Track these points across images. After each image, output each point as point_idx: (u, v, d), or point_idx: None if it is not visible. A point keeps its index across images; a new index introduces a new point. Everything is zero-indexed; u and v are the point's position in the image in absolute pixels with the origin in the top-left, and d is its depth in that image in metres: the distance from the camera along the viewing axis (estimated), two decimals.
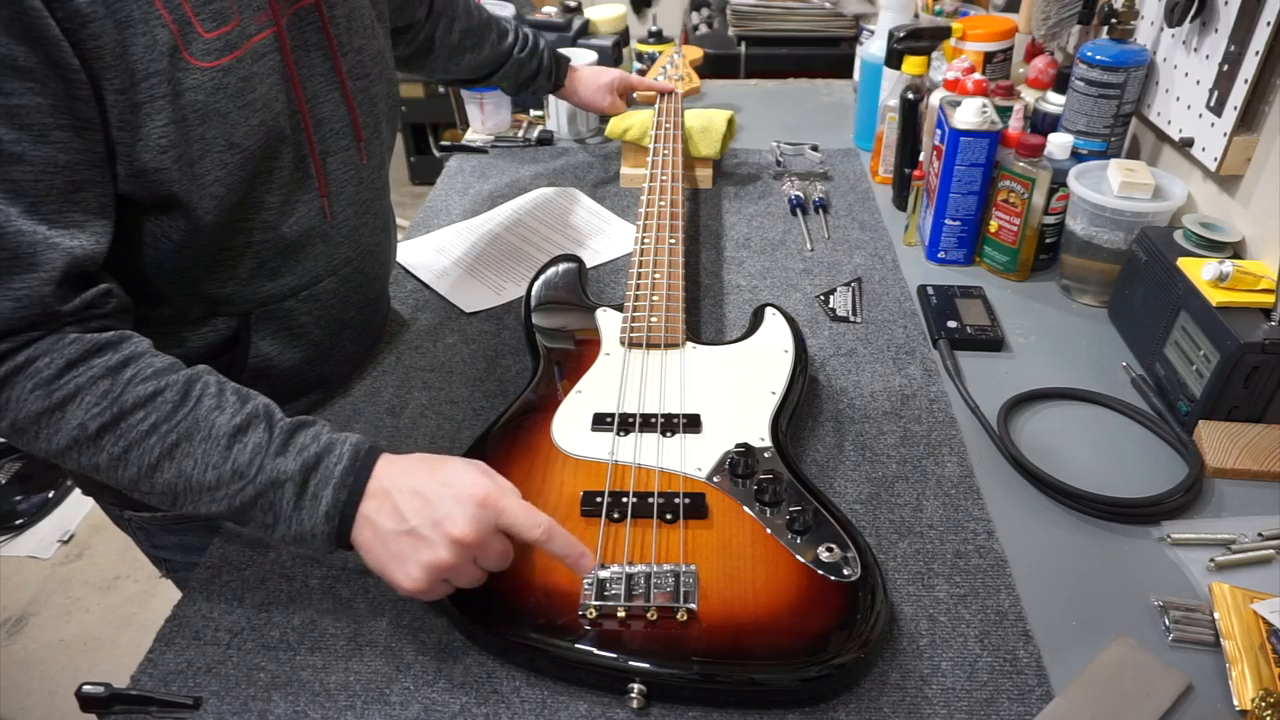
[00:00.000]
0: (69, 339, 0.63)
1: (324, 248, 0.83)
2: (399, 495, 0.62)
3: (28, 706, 1.75)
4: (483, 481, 0.62)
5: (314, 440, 0.64)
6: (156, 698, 0.63)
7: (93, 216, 0.64)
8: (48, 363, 0.61)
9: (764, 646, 0.62)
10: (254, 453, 0.62)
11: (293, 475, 0.62)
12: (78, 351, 0.62)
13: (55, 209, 0.62)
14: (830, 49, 2.00)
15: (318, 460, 0.63)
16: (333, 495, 0.62)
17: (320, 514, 0.62)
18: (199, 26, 0.66)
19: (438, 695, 0.64)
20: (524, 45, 1.24)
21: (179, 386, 0.64)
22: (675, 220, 1.04)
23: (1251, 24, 0.93)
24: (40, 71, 0.58)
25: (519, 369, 0.97)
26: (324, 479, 0.62)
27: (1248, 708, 0.61)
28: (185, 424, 0.62)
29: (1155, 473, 0.82)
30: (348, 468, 0.63)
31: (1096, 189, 1.01)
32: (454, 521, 0.60)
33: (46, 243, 0.61)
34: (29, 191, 0.60)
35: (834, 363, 0.97)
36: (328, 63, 0.79)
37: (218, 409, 0.64)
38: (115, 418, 0.62)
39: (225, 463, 0.62)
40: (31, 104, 0.59)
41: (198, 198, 0.69)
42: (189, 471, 0.62)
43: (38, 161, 0.60)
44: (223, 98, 0.68)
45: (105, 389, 0.62)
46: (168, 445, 0.62)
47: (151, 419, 0.62)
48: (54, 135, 0.60)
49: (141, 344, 0.66)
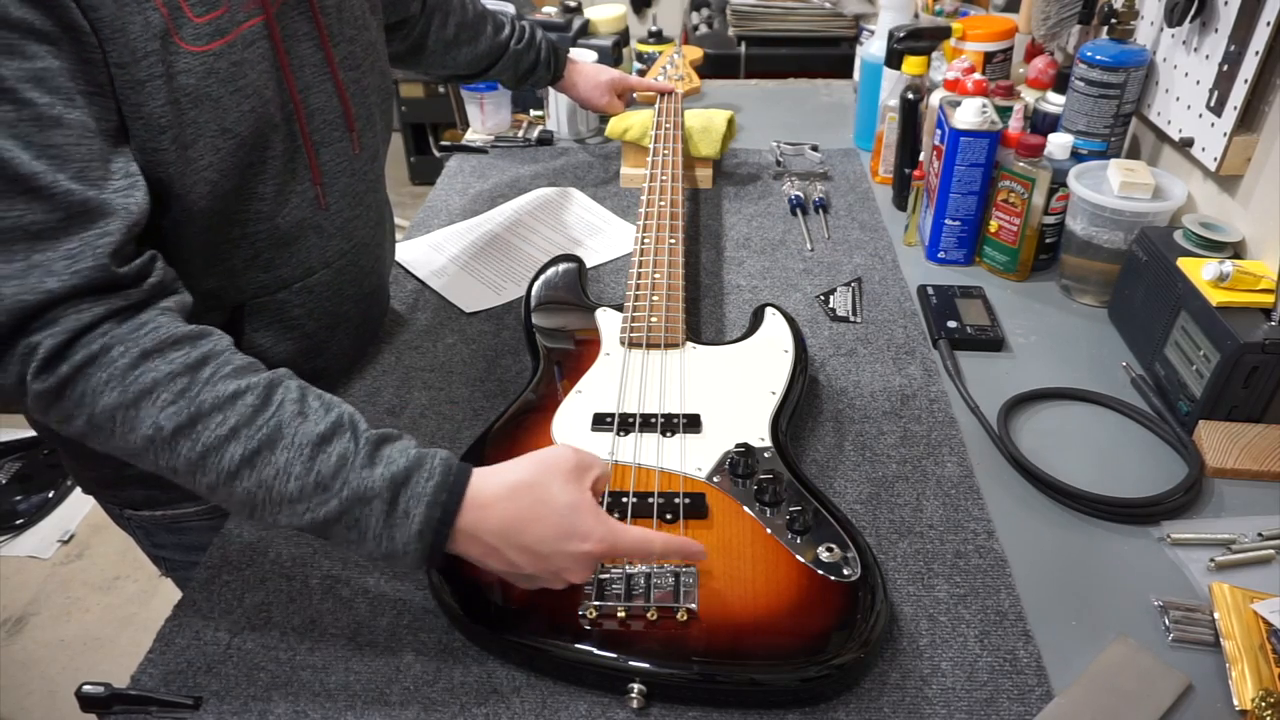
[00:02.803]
0: (148, 327, 0.60)
1: (317, 240, 0.83)
2: (509, 550, 0.60)
3: (28, 706, 1.75)
4: (595, 530, 0.61)
5: (402, 454, 0.61)
6: (156, 698, 0.63)
7: (131, 178, 0.63)
8: (122, 351, 0.59)
9: (764, 646, 0.62)
10: (339, 464, 0.59)
11: (380, 492, 0.59)
12: (154, 342, 0.60)
13: (101, 174, 0.60)
14: (830, 49, 2.00)
15: (407, 476, 0.60)
16: (426, 513, 0.59)
17: (413, 532, 0.59)
18: (188, 11, 0.66)
19: (438, 695, 0.64)
20: (520, 37, 1.24)
21: (260, 389, 0.61)
22: (675, 220, 1.04)
23: (1251, 24, 0.93)
24: (56, 34, 0.58)
25: (519, 369, 0.97)
26: (416, 496, 0.59)
27: (1248, 708, 0.61)
28: (267, 430, 0.59)
29: (1155, 473, 0.82)
30: (440, 484, 0.60)
31: (1096, 189, 1.01)
32: (574, 573, 0.62)
33: (99, 200, 0.59)
34: (74, 156, 0.59)
35: (834, 363, 0.97)
36: (319, 53, 0.79)
37: (300, 415, 0.60)
38: (192, 419, 0.58)
39: (309, 474, 0.59)
40: (53, 66, 0.58)
41: (191, 183, 0.69)
42: (269, 481, 0.59)
43: (75, 125, 0.59)
44: (214, 82, 0.68)
45: (183, 386, 0.59)
46: (248, 452, 0.59)
47: (231, 423, 0.59)
48: (79, 100, 0.60)
49: (221, 340, 0.63)
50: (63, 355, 0.58)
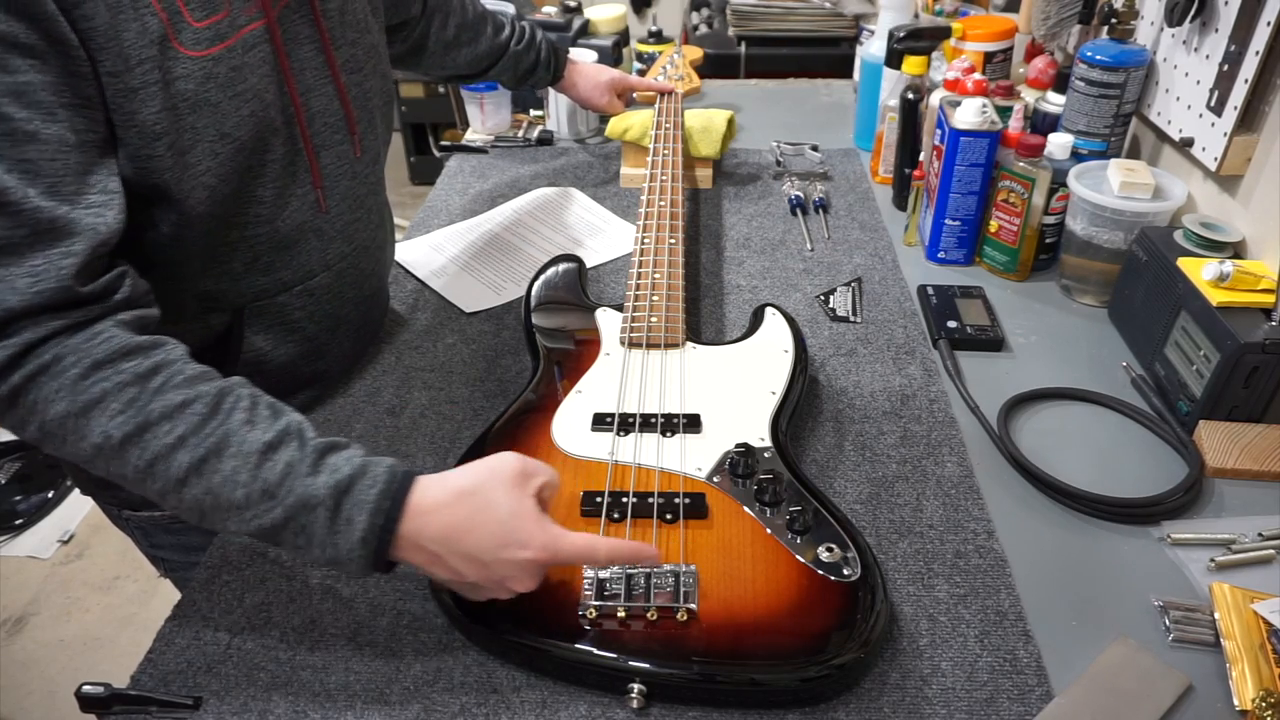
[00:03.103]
0: (101, 338, 0.61)
1: (318, 242, 0.83)
2: (451, 558, 0.60)
3: (28, 706, 1.75)
4: (536, 537, 0.60)
5: (346, 462, 0.61)
6: (156, 698, 0.63)
7: (109, 195, 0.63)
8: (74, 361, 0.59)
9: (764, 646, 0.62)
10: (284, 472, 0.60)
11: (323, 499, 0.59)
12: (106, 353, 0.60)
13: (74, 190, 0.61)
14: (830, 49, 2.00)
15: (351, 483, 0.60)
16: (368, 521, 0.59)
17: (356, 538, 0.59)
18: (188, 15, 0.66)
19: (438, 695, 0.64)
20: (520, 38, 1.24)
21: (209, 398, 0.61)
22: (675, 220, 1.04)
23: (1251, 24, 0.93)
24: (41, 48, 0.58)
25: (519, 369, 0.97)
26: (359, 503, 0.59)
27: (1248, 708, 0.61)
28: (214, 438, 0.60)
29: (1155, 473, 0.82)
30: (383, 491, 0.60)
31: (1096, 189, 1.01)
32: (517, 581, 0.61)
33: (68, 218, 0.60)
34: (46, 171, 0.59)
35: (834, 363, 0.97)
36: (320, 56, 0.79)
37: (248, 424, 0.61)
38: (140, 428, 0.59)
39: (255, 481, 0.59)
40: (37, 81, 0.58)
41: (189, 188, 0.69)
42: (216, 488, 0.59)
43: (52, 140, 0.59)
44: (213, 87, 0.68)
45: (132, 396, 0.60)
46: (195, 460, 0.59)
47: (178, 431, 0.59)
48: (60, 114, 0.60)
49: (175, 350, 0.64)
50: (16, 364, 0.59)
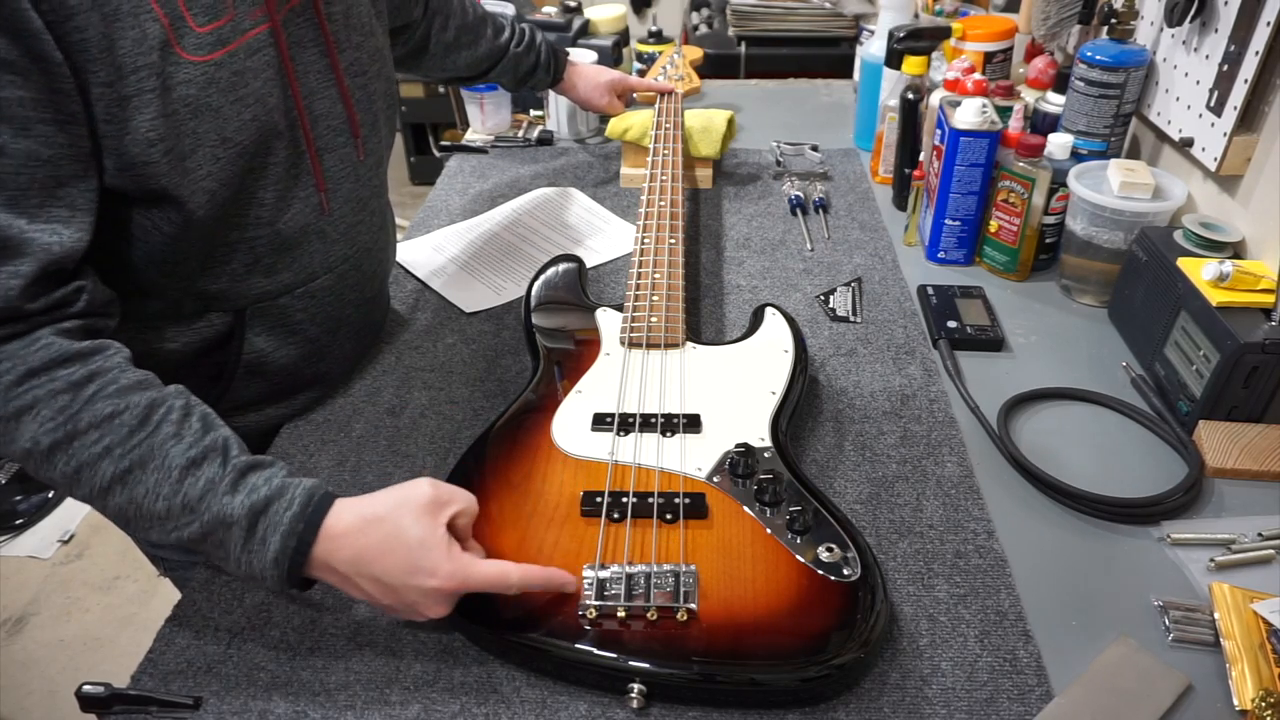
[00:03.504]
0: (38, 345, 0.61)
1: (320, 245, 0.83)
2: (361, 581, 0.62)
3: (28, 706, 1.75)
4: (443, 566, 0.61)
5: (265, 482, 0.62)
6: (156, 698, 0.63)
7: (76, 212, 0.63)
8: (9, 368, 0.60)
9: (764, 646, 0.62)
10: (205, 489, 0.61)
11: (239, 519, 0.60)
12: (42, 360, 0.61)
13: (37, 203, 0.61)
14: (830, 49, 2.00)
15: (267, 504, 0.61)
16: (281, 543, 0.61)
17: (269, 559, 0.61)
18: (191, 20, 0.66)
19: (438, 695, 0.64)
20: (520, 40, 1.24)
21: (139, 409, 0.62)
22: (675, 220, 1.04)
23: (1251, 24, 0.93)
24: (22, 65, 0.58)
25: (519, 369, 0.97)
26: (273, 524, 0.61)
27: (1248, 708, 0.61)
28: (140, 450, 0.61)
29: (1155, 473, 0.82)
30: (298, 514, 0.61)
31: (1096, 189, 1.01)
32: (427, 607, 0.62)
33: (21, 237, 0.60)
34: (9, 185, 0.60)
35: (834, 363, 0.97)
36: (324, 59, 0.79)
37: (175, 437, 0.62)
38: (68, 436, 0.60)
39: (176, 495, 0.61)
40: (13, 97, 0.58)
41: (189, 192, 0.69)
42: (139, 499, 0.61)
43: (19, 155, 0.60)
44: (214, 92, 0.68)
45: (63, 404, 0.60)
46: (120, 470, 0.61)
47: (105, 442, 0.60)
48: (36, 129, 0.60)
49: (113, 358, 0.64)
50: None
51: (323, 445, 0.87)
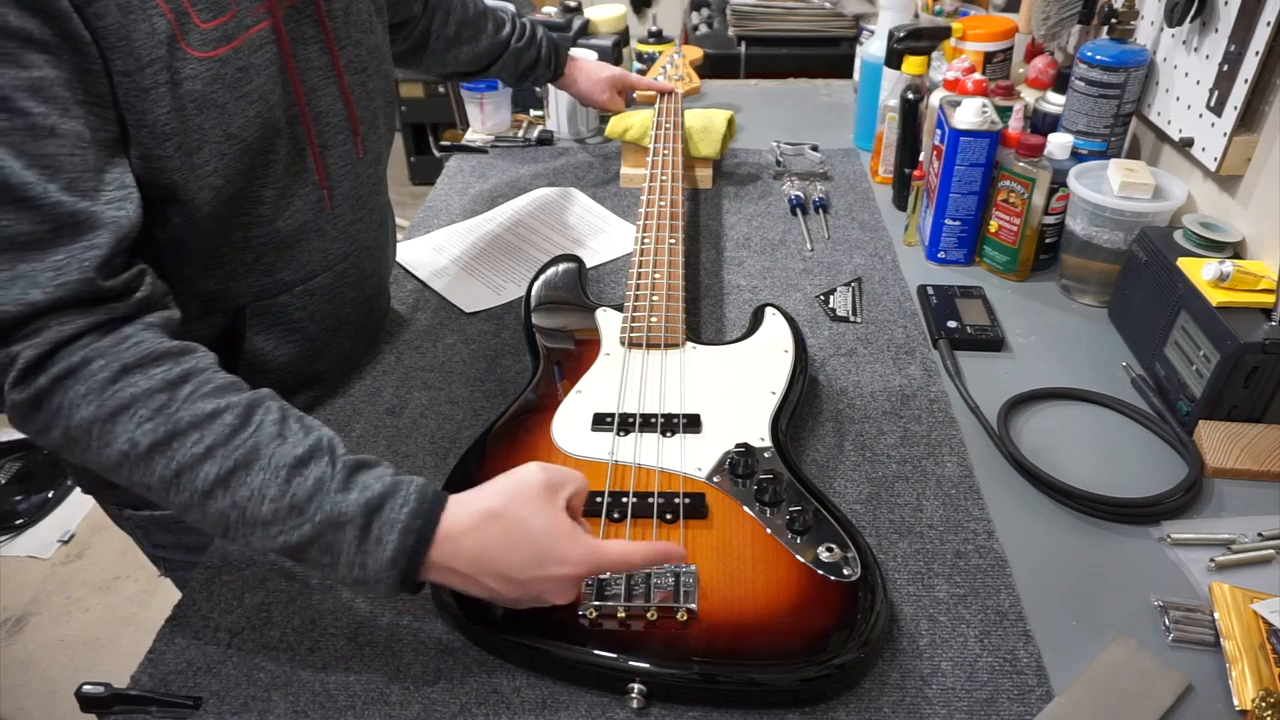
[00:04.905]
0: (129, 341, 0.60)
1: (319, 243, 0.83)
2: (486, 579, 0.59)
3: (28, 706, 1.75)
4: (572, 552, 0.59)
5: (378, 480, 0.60)
6: (156, 698, 0.63)
7: (126, 189, 0.62)
8: (102, 365, 0.58)
9: (764, 646, 0.62)
10: (315, 488, 0.58)
11: (354, 517, 0.58)
12: (135, 357, 0.59)
13: (92, 185, 0.60)
14: (830, 49, 2.00)
15: (382, 501, 0.59)
16: (399, 540, 0.58)
17: (385, 558, 0.58)
18: (195, 17, 0.66)
19: (438, 695, 0.64)
20: (521, 35, 1.24)
21: (240, 409, 0.60)
22: (675, 220, 1.04)
23: (1251, 24, 0.93)
24: (55, 44, 0.58)
25: (519, 369, 0.97)
26: (389, 522, 0.58)
27: (1248, 708, 0.61)
28: (243, 451, 0.58)
29: (1155, 473, 0.82)
30: (415, 510, 0.59)
31: (1096, 189, 1.01)
32: (557, 594, 0.61)
33: (89, 212, 0.59)
34: (66, 166, 0.59)
35: (834, 363, 0.97)
36: (324, 56, 0.79)
37: (279, 437, 0.60)
38: (168, 436, 0.58)
39: (284, 496, 0.58)
40: (52, 76, 0.58)
41: (195, 188, 0.69)
42: (244, 503, 0.58)
43: (70, 135, 0.59)
44: (220, 88, 0.68)
45: (161, 403, 0.58)
46: (223, 472, 0.58)
47: (207, 442, 0.58)
48: (75, 110, 0.60)
49: (205, 358, 0.63)
50: (42, 366, 0.58)
51: None
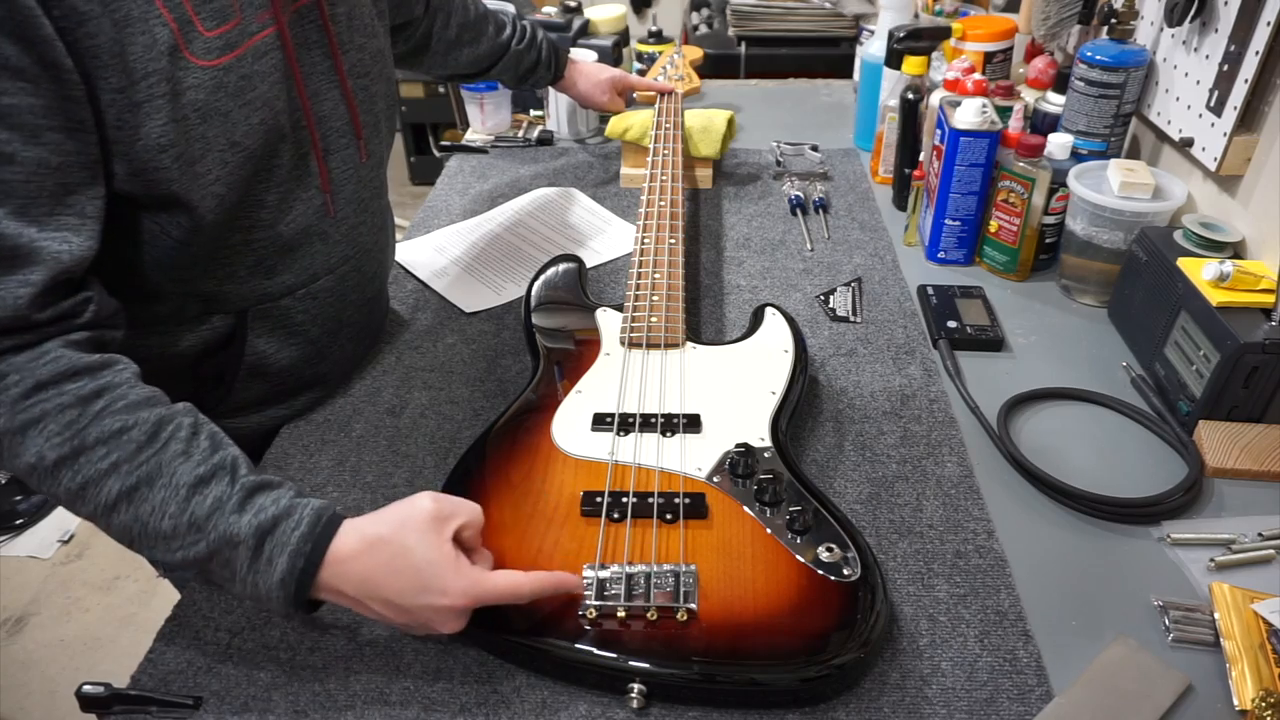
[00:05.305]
0: (48, 358, 0.60)
1: (322, 246, 0.83)
2: (372, 603, 0.61)
3: (28, 706, 1.75)
4: (453, 584, 0.60)
5: (273, 503, 0.61)
6: (156, 698, 0.63)
7: (85, 220, 0.63)
8: (16, 380, 0.59)
9: (764, 646, 0.62)
10: (213, 507, 0.60)
11: (246, 538, 0.59)
12: (51, 373, 0.60)
13: (46, 211, 0.60)
14: (830, 49, 2.00)
15: (274, 524, 0.60)
16: (288, 563, 0.59)
17: (275, 580, 0.60)
18: (199, 25, 0.66)
19: (438, 695, 0.64)
20: (522, 37, 1.24)
21: (148, 425, 0.61)
22: (675, 220, 1.04)
23: (1251, 24, 0.93)
24: (32, 72, 0.58)
25: (519, 369, 0.97)
26: (280, 545, 0.60)
27: (1248, 708, 0.61)
28: (147, 467, 0.60)
29: (1155, 473, 0.82)
30: (305, 535, 0.60)
31: (1096, 189, 1.01)
32: (441, 624, 0.61)
33: (31, 246, 0.59)
34: (19, 193, 0.59)
35: (834, 363, 0.97)
36: (328, 61, 0.79)
37: (184, 455, 0.61)
38: (75, 451, 0.59)
39: (183, 513, 0.59)
40: (24, 104, 0.58)
41: (198, 197, 0.69)
42: (145, 517, 0.60)
43: (29, 162, 0.59)
44: (223, 96, 0.68)
45: (71, 419, 0.59)
46: (126, 487, 0.59)
47: (112, 458, 0.59)
48: (46, 137, 0.59)
49: (122, 373, 0.63)
50: None
51: (323, 445, 0.87)
